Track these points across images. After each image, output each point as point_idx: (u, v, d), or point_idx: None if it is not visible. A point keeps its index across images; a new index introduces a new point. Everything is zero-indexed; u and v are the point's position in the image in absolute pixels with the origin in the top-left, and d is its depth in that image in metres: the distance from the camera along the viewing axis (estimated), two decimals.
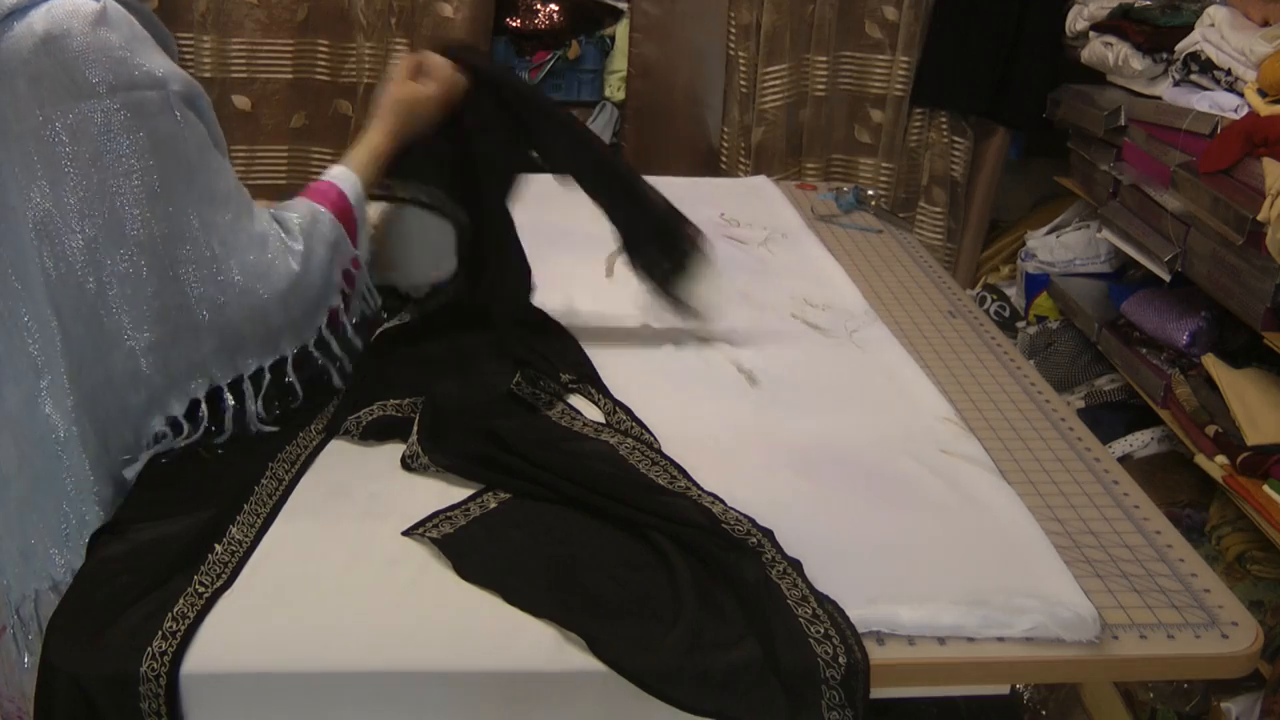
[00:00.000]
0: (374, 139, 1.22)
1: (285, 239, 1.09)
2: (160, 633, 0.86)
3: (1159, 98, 2.13)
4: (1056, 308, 2.59)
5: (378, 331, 1.28)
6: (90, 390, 1.02)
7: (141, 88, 0.96)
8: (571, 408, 1.21)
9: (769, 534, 0.98)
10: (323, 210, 1.13)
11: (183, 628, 0.87)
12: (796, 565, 0.96)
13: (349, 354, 1.19)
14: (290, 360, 1.11)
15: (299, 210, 1.12)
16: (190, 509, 1.01)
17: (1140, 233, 2.10)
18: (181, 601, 0.89)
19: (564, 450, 1.12)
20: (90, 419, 1.03)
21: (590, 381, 1.26)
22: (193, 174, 1.01)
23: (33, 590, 1.06)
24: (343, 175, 1.18)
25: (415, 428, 1.13)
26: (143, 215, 0.98)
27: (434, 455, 1.09)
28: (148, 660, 0.84)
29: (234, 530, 0.99)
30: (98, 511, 1.05)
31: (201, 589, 0.91)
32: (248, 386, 1.09)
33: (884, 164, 2.80)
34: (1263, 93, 1.79)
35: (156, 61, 0.99)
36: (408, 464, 1.11)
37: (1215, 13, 1.94)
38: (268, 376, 1.10)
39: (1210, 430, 1.85)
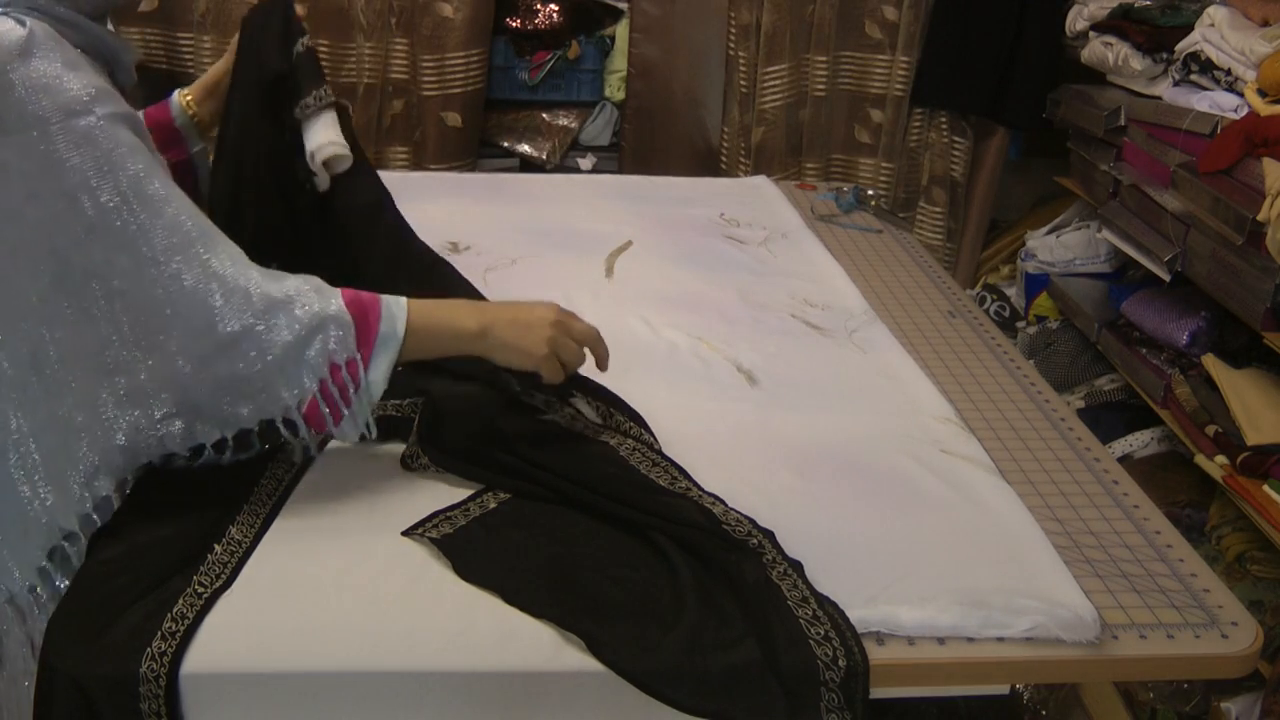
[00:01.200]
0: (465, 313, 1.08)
1: (254, 281, 0.95)
2: (160, 633, 0.86)
3: (1159, 98, 2.13)
4: (1056, 308, 2.59)
5: None
6: (37, 425, 0.95)
7: (75, 115, 0.89)
8: (572, 407, 1.21)
9: (769, 535, 0.98)
10: (333, 290, 1.00)
11: (182, 628, 0.87)
12: (797, 566, 0.96)
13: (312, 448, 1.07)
14: (255, 432, 0.99)
15: (308, 277, 1.00)
16: (190, 509, 1.01)
17: (1140, 233, 2.09)
18: (181, 602, 0.89)
19: (565, 451, 1.12)
20: (38, 452, 0.96)
21: (583, 386, 1.25)
22: (130, 203, 0.91)
23: None
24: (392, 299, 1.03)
25: (415, 428, 1.13)
26: (77, 254, 0.90)
27: (434, 455, 1.09)
28: (147, 661, 0.84)
29: (233, 530, 0.99)
30: (40, 544, 0.97)
31: (201, 589, 0.91)
32: (209, 453, 0.99)
33: (884, 164, 2.80)
34: (1263, 93, 1.79)
35: (87, 84, 0.91)
36: (408, 464, 1.11)
37: (1215, 13, 1.94)
38: (230, 446, 0.99)
39: (1210, 430, 1.85)
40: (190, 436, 0.97)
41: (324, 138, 1.24)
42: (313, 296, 0.98)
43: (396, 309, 1.02)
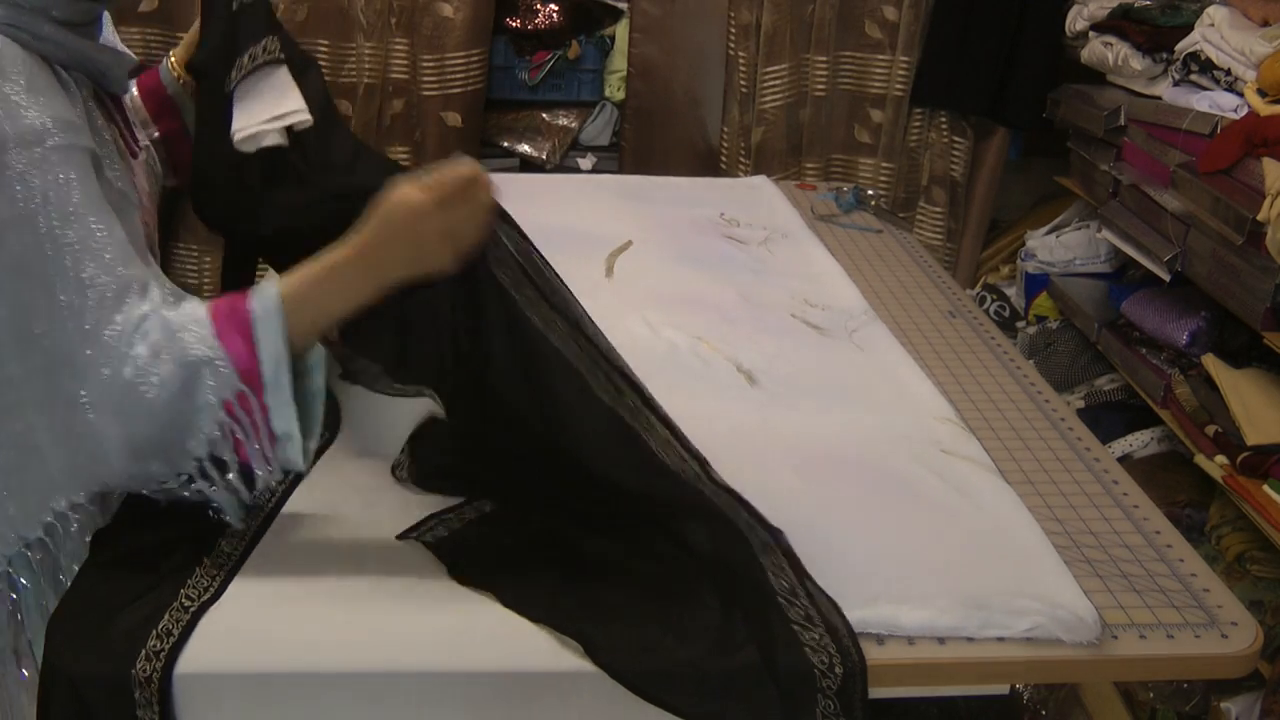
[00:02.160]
0: (335, 253, 0.92)
1: (137, 335, 0.88)
2: (155, 634, 0.86)
3: (1159, 98, 2.13)
4: (1056, 308, 2.59)
5: None
6: None
7: (25, 145, 0.85)
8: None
9: (776, 533, 0.97)
10: (205, 321, 0.89)
11: (178, 630, 0.87)
12: (798, 568, 0.95)
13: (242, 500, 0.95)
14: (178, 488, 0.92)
15: (179, 314, 0.90)
16: (187, 513, 1.00)
17: (1140, 233, 2.09)
18: (176, 604, 0.89)
19: (556, 463, 1.00)
20: None
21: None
22: (57, 245, 0.86)
23: None
24: (262, 289, 0.91)
25: (409, 436, 1.13)
26: (8, 287, 0.86)
27: (414, 471, 1.09)
28: (142, 662, 0.84)
29: (223, 544, 0.98)
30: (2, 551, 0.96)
31: (195, 595, 0.91)
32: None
33: (884, 164, 2.80)
34: (1262, 93, 1.79)
35: (47, 112, 0.87)
36: (395, 473, 1.11)
37: (1215, 13, 1.94)
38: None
39: (1210, 430, 1.85)
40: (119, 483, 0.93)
41: (256, 114, 1.07)
42: (186, 337, 0.88)
43: (262, 300, 0.90)
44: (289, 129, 1.09)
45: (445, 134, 2.60)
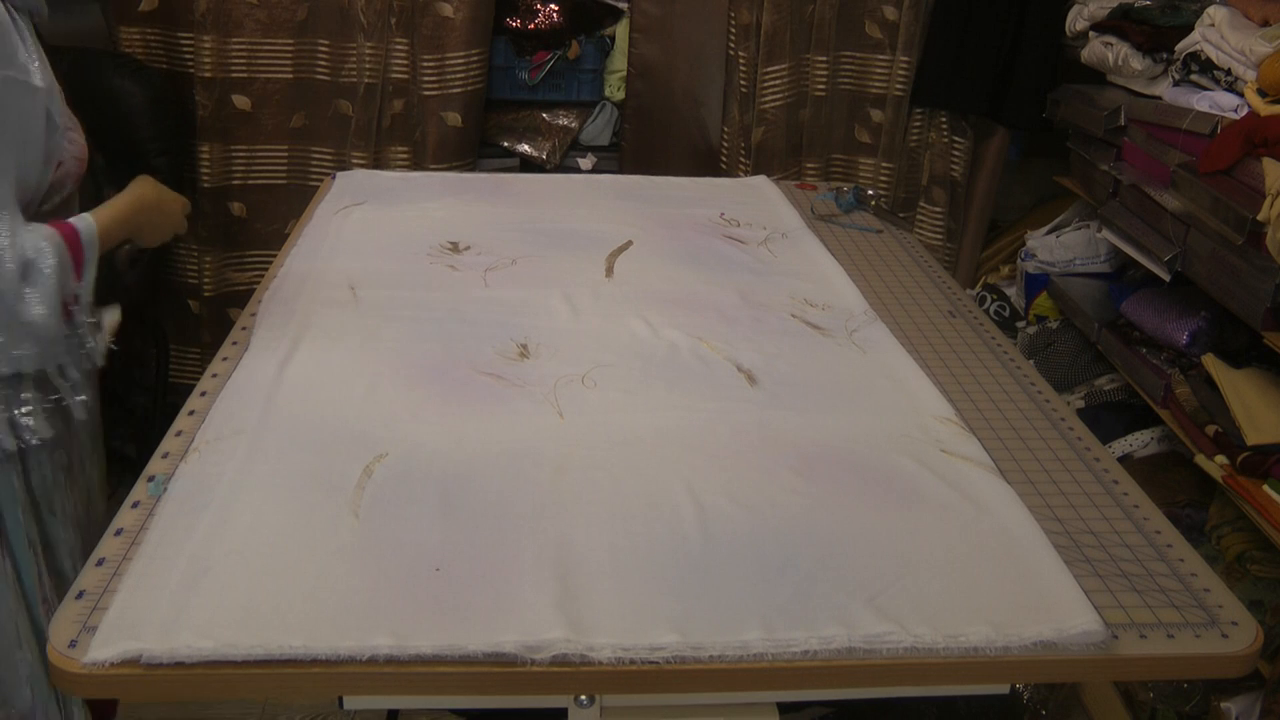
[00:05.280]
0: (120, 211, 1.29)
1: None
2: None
3: (1159, 98, 2.13)
4: (1056, 308, 2.59)
5: None
6: None
7: None
8: None
9: None
10: (56, 235, 1.17)
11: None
12: None
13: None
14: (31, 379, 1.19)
15: (36, 230, 1.16)
16: None
17: (1140, 233, 2.10)
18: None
19: None
20: None
21: None
22: None
23: None
24: (81, 218, 1.23)
25: None
26: None
27: None
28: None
29: None
30: None
31: None
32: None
33: (884, 164, 2.80)
34: (1262, 93, 1.79)
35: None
36: None
37: (1215, 13, 1.94)
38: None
39: (1210, 430, 1.85)
40: None
41: None
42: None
43: (85, 224, 1.21)
44: None
45: (445, 134, 2.60)
